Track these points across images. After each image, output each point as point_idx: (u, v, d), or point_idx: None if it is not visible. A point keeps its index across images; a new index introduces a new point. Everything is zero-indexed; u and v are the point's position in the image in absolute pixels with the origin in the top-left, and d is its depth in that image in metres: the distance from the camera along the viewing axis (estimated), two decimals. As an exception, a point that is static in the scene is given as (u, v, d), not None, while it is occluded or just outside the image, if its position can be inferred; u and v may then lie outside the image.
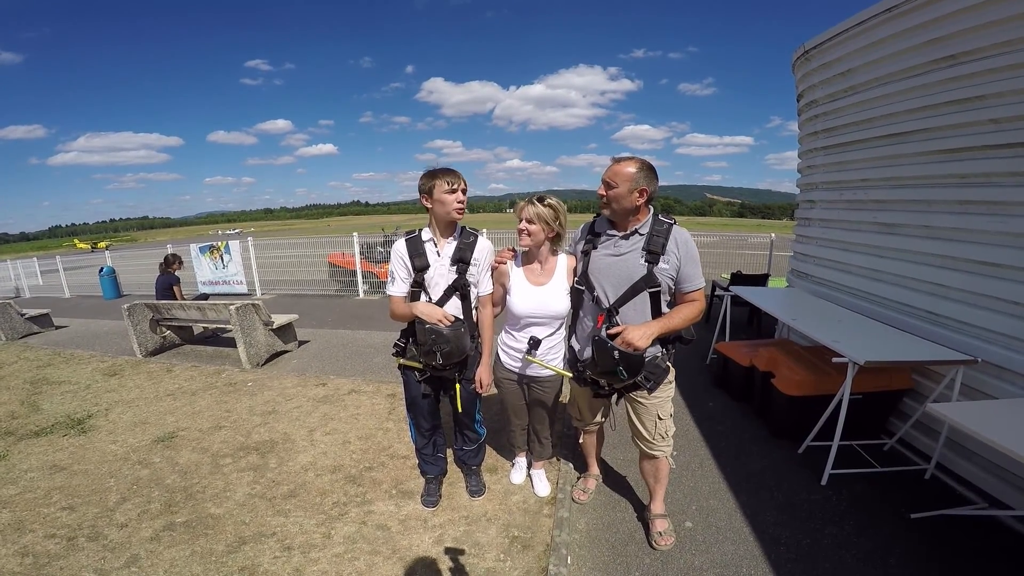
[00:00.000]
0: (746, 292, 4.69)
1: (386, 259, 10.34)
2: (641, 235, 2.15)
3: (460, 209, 2.30)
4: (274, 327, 5.89)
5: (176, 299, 6.82)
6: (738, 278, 6.69)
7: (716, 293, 6.65)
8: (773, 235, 9.46)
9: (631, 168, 2.08)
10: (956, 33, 3.00)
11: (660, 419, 2.34)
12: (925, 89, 3.28)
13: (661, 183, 2.18)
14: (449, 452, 3.08)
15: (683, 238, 2.14)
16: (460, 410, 2.59)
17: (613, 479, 3.12)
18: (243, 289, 10.92)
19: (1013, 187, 2.73)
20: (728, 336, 4.93)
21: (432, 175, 2.29)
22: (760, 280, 6.77)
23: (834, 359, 2.89)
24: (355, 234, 10.15)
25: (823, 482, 2.95)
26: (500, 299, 2.54)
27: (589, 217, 2.42)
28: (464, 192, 2.31)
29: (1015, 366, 2.63)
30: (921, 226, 3.36)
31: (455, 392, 2.53)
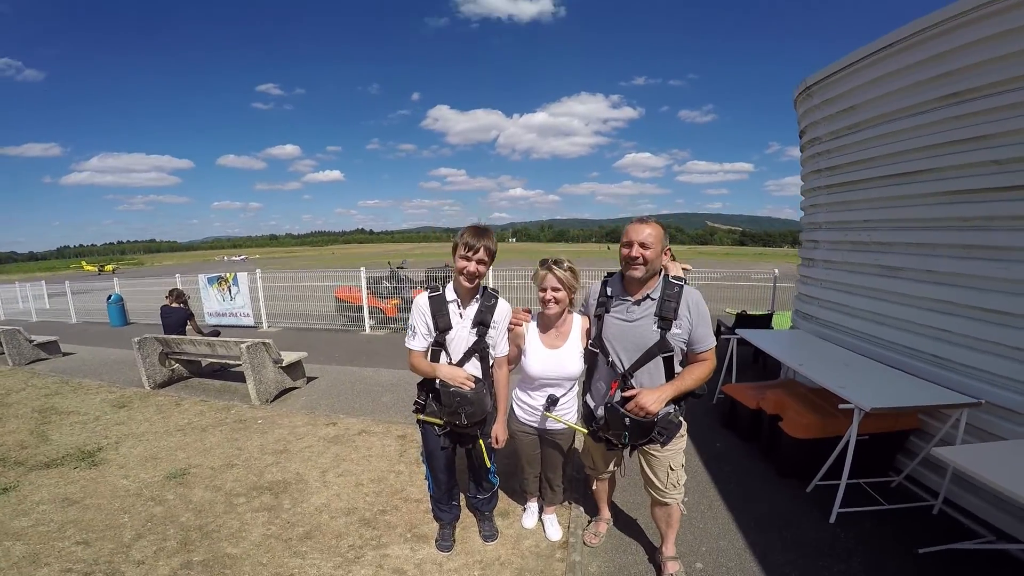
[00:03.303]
0: (752, 336, 4.75)
1: (392, 294, 10.44)
2: (653, 300, 2.22)
3: (466, 279, 2.32)
4: (283, 364, 5.96)
5: (192, 332, 6.91)
6: (743, 319, 6.78)
7: (722, 334, 6.68)
8: (776, 271, 9.59)
9: (659, 228, 2.18)
10: (960, 69, 3.02)
11: (672, 470, 2.42)
12: (928, 128, 3.29)
13: (663, 211, 2.24)
14: (461, 497, 3.13)
15: (694, 300, 2.22)
16: (488, 465, 2.68)
17: (624, 522, 3.17)
18: (249, 322, 11.01)
19: (1014, 231, 2.77)
20: (735, 377, 5.00)
21: (461, 234, 2.33)
22: (765, 320, 6.87)
23: (840, 405, 2.97)
24: (362, 268, 10.29)
25: (831, 520, 3.02)
26: (515, 358, 2.62)
27: (593, 247, 2.46)
28: (481, 262, 2.31)
29: (1021, 407, 2.70)
30: (924, 271, 3.37)
31: (480, 448, 2.61)
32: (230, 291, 11.32)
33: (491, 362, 2.54)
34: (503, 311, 2.51)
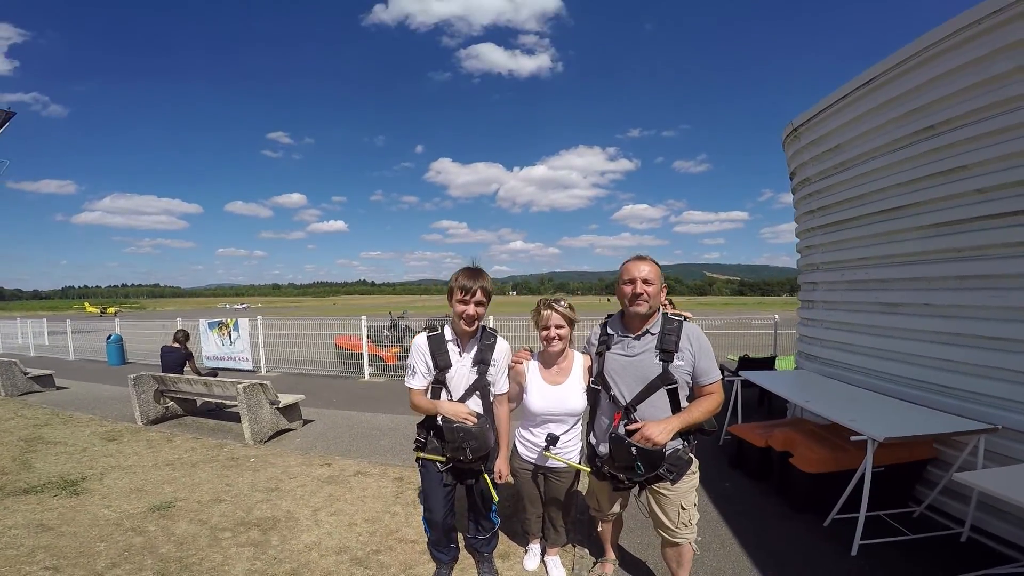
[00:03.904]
0: (757, 377, 4.70)
1: (393, 343, 10.36)
2: (653, 335, 2.23)
3: (466, 323, 2.33)
4: (280, 406, 5.83)
5: (191, 374, 6.83)
6: (746, 362, 6.71)
7: (725, 377, 6.56)
8: (776, 316, 9.58)
9: (656, 266, 2.23)
10: (932, 103, 3.15)
11: (684, 509, 2.32)
12: (911, 162, 3.38)
13: (662, 263, 2.32)
14: (460, 539, 2.97)
15: (695, 333, 2.22)
16: (496, 498, 2.58)
17: (631, 563, 3.00)
18: (248, 366, 10.88)
19: (1006, 259, 2.79)
20: (740, 418, 4.88)
21: (455, 278, 2.34)
22: (768, 363, 6.78)
23: (853, 438, 2.89)
24: (363, 317, 10.30)
25: (853, 552, 2.87)
26: (516, 396, 2.62)
27: (593, 300, 2.49)
28: (479, 303, 2.31)
29: None
30: (922, 304, 3.38)
31: (487, 484, 2.54)
32: (230, 336, 11.26)
33: (492, 399, 2.52)
34: (502, 349, 2.51)
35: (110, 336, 12.61)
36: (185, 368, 6.98)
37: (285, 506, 3.71)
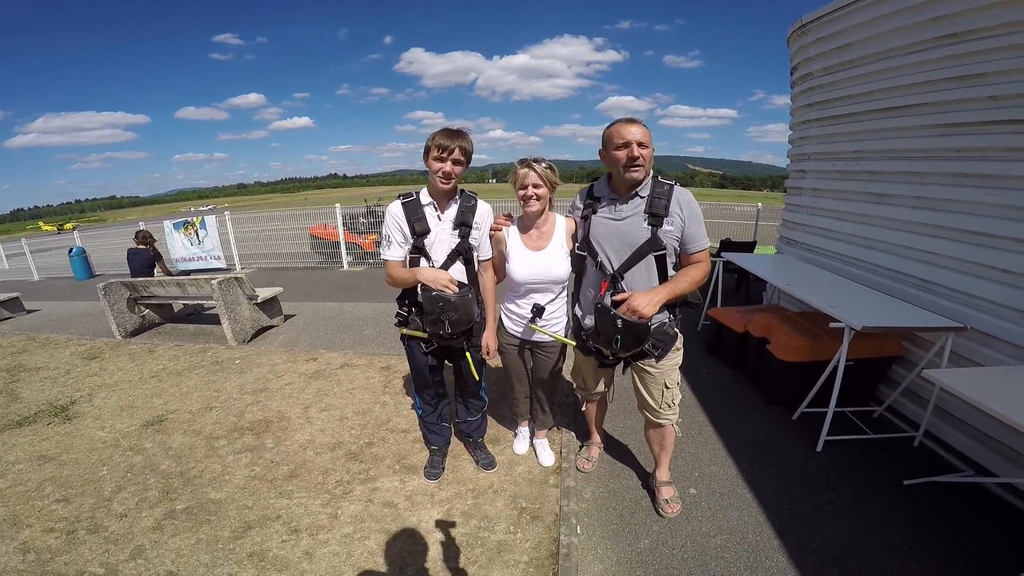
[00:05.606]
0: (738, 258, 4.70)
1: (369, 230, 10.12)
2: (641, 198, 2.07)
3: (442, 180, 2.18)
4: (258, 301, 5.73)
5: (161, 275, 6.60)
6: (728, 244, 6.74)
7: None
8: (760, 204, 9.59)
9: (648, 129, 2.03)
10: (960, 12, 2.98)
11: (667, 388, 2.31)
12: (925, 65, 3.26)
13: None
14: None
15: (686, 198, 2.07)
16: (477, 379, 2.58)
17: (614, 447, 3.13)
18: (221, 264, 10.62)
19: (1008, 162, 2.77)
20: (719, 302, 4.94)
21: (433, 137, 2.18)
22: (748, 247, 6.83)
23: (831, 324, 2.90)
24: (337, 205, 9.89)
25: (818, 448, 3.01)
26: (498, 265, 2.48)
27: (575, 187, 2.36)
28: (457, 162, 2.18)
29: (1003, 334, 2.68)
30: (914, 197, 3.38)
31: (469, 362, 2.49)
32: (197, 235, 10.83)
33: (476, 266, 2.41)
34: (484, 211, 2.38)
35: (72, 250, 12.04)
36: (156, 270, 6.75)
37: (275, 406, 3.77)
